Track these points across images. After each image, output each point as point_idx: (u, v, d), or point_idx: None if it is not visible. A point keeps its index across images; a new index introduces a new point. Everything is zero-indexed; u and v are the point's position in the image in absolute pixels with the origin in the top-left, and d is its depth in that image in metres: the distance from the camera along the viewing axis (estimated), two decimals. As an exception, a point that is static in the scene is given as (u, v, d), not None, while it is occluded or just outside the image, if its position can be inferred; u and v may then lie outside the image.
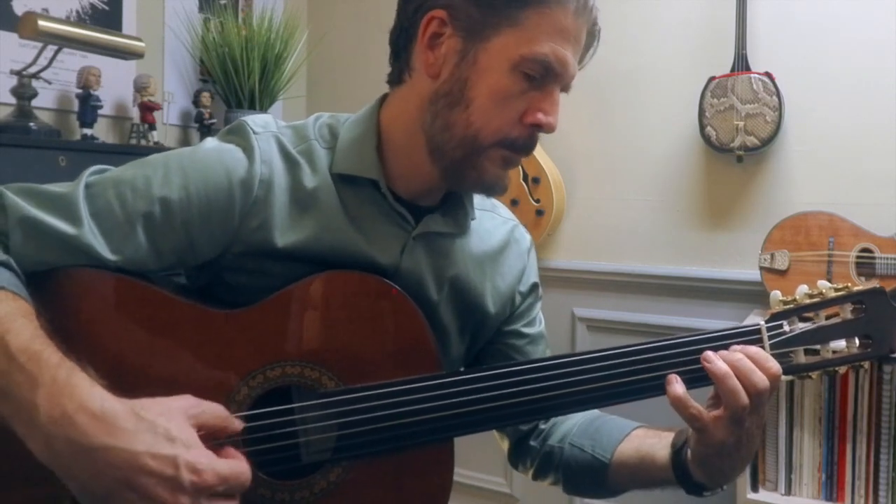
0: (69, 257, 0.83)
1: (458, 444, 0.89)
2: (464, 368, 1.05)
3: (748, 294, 1.95)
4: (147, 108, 2.07)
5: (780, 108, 1.86)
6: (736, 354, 0.82)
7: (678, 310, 2.07)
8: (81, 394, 0.68)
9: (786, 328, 0.86)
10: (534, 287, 1.08)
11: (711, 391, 0.85)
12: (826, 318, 0.86)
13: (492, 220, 1.05)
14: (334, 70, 2.64)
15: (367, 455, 0.86)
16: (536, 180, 2.11)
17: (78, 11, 2.00)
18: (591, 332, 2.20)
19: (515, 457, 1.09)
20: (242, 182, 0.88)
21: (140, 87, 2.06)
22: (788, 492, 1.64)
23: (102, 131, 2.04)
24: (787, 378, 0.85)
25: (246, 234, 0.88)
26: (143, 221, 0.85)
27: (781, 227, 1.82)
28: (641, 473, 0.96)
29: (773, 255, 1.81)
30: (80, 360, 0.72)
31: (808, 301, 0.87)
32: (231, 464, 0.72)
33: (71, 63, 1.92)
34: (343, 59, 2.62)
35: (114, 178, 0.87)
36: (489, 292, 1.01)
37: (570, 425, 1.04)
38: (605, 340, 2.15)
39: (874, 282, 1.70)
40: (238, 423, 0.79)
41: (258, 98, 2.25)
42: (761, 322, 0.87)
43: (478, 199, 1.02)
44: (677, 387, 0.83)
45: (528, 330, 1.07)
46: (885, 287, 0.87)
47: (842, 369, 0.86)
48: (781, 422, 1.64)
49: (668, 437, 0.94)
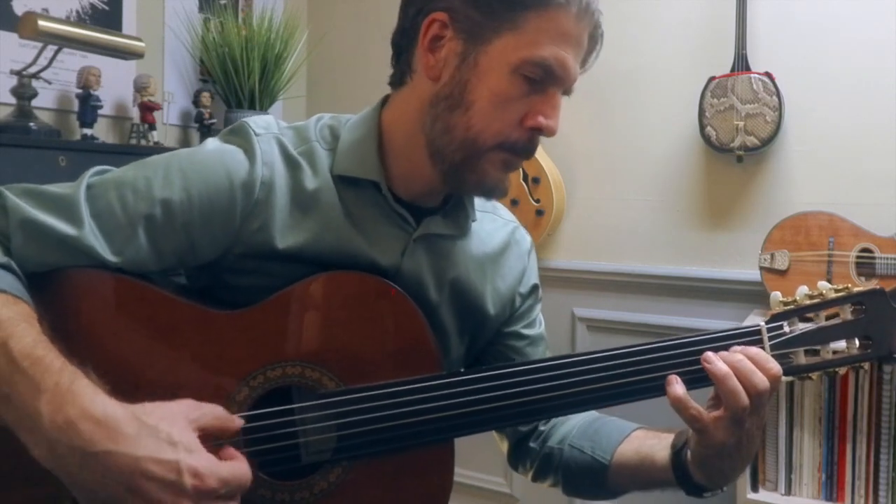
0: (70, 258, 0.83)
1: (459, 444, 0.89)
2: (464, 369, 1.05)
3: (748, 294, 1.95)
4: (147, 108, 2.06)
5: (780, 108, 1.85)
6: (736, 355, 0.82)
7: (678, 310, 2.06)
8: (84, 400, 0.68)
9: (786, 329, 0.86)
10: (534, 289, 1.08)
11: (712, 392, 0.85)
12: (826, 318, 0.86)
13: (492, 222, 1.05)
14: (334, 70, 2.64)
15: (367, 455, 0.86)
16: (536, 180, 2.11)
17: (78, 11, 2.00)
18: (591, 332, 2.20)
19: (515, 458, 1.09)
20: (244, 184, 0.88)
21: (140, 87, 2.06)
22: (788, 492, 1.64)
23: (102, 131, 2.03)
24: (788, 379, 0.85)
25: (247, 235, 0.88)
26: (145, 223, 0.85)
27: (781, 227, 1.82)
28: (641, 474, 0.96)
29: (773, 255, 1.81)
30: (82, 363, 0.73)
31: (808, 302, 0.87)
32: (232, 466, 0.72)
33: (71, 63, 1.91)
34: (343, 59, 2.62)
35: (115, 179, 0.87)
36: (489, 294, 1.01)
37: (570, 427, 1.04)
38: (605, 340, 2.15)
39: (874, 282, 1.71)
40: (238, 422, 0.79)
41: (258, 98, 2.24)
42: (761, 323, 0.87)
43: (478, 201, 1.02)
44: (677, 387, 0.83)
45: (528, 331, 1.07)
46: (886, 287, 0.87)
47: (842, 370, 0.86)
48: (781, 422, 1.64)
49: (668, 438, 0.94)
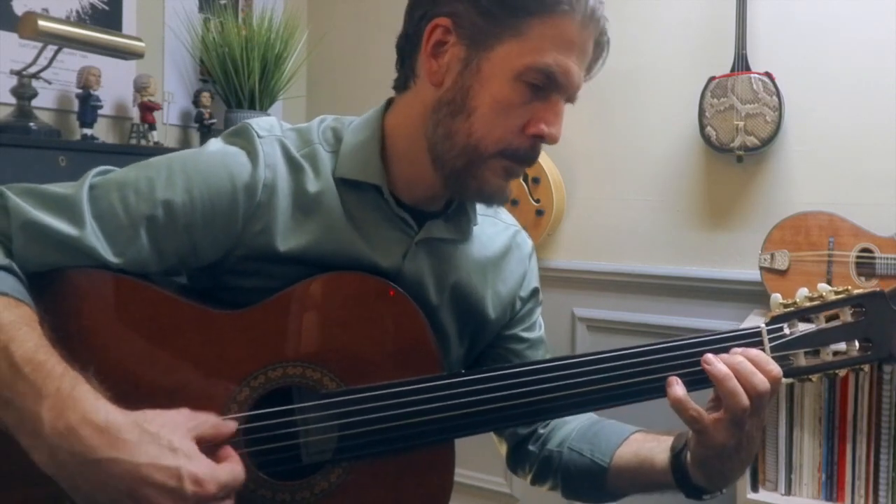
0: (71, 259, 0.83)
1: (459, 444, 0.89)
2: (464, 370, 1.05)
3: (748, 294, 1.95)
4: (147, 108, 2.06)
5: (780, 108, 1.85)
6: (737, 357, 0.82)
7: (678, 310, 2.06)
8: (85, 406, 0.68)
9: (786, 331, 0.86)
10: (534, 292, 1.08)
11: (712, 394, 0.85)
12: (826, 320, 0.86)
13: (494, 226, 1.05)
14: (334, 70, 2.64)
15: (367, 456, 0.87)
16: (536, 180, 2.11)
17: (78, 11, 2.00)
18: (591, 332, 2.20)
19: (514, 461, 1.09)
20: (246, 186, 0.87)
21: (140, 87, 2.06)
22: (788, 492, 1.64)
23: (102, 131, 2.03)
24: (788, 381, 0.85)
25: (249, 237, 0.88)
26: (146, 224, 0.85)
27: (781, 227, 1.82)
28: (641, 477, 0.95)
29: (773, 255, 1.81)
30: (83, 364, 0.73)
31: (808, 304, 0.87)
32: (229, 468, 0.73)
33: (71, 63, 1.91)
34: (343, 59, 2.62)
35: (117, 179, 0.87)
36: (490, 298, 1.01)
37: (569, 430, 1.04)
38: (605, 340, 2.15)
39: (874, 282, 1.71)
40: (231, 425, 0.79)
41: (258, 98, 2.24)
42: (762, 325, 0.87)
43: (480, 205, 1.02)
44: (678, 389, 0.83)
45: (528, 334, 1.07)
46: (885, 287, 0.87)
47: (842, 372, 0.86)
48: (781, 422, 1.64)
49: (668, 440, 0.94)
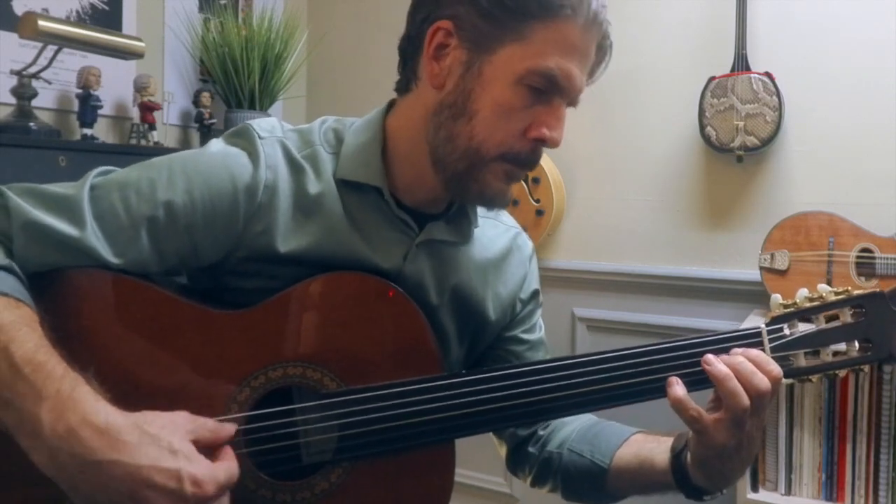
0: (72, 259, 0.83)
1: (459, 444, 0.89)
2: (465, 370, 1.05)
3: (748, 294, 1.95)
4: (147, 108, 2.06)
5: (780, 108, 1.85)
6: (737, 357, 0.82)
7: (678, 310, 2.07)
8: (85, 407, 0.68)
9: (786, 331, 0.86)
10: (534, 294, 1.08)
11: (712, 394, 0.85)
12: (826, 321, 0.86)
13: (494, 228, 1.05)
14: (334, 70, 2.64)
15: (368, 456, 0.87)
16: (536, 180, 2.11)
17: (78, 11, 2.00)
18: (591, 332, 2.20)
19: (514, 463, 1.09)
20: (247, 188, 0.87)
21: (140, 87, 2.06)
22: (788, 492, 1.64)
23: (102, 131, 2.03)
24: (788, 381, 0.85)
25: (249, 238, 0.88)
26: (147, 225, 0.85)
27: (781, 227, 1.82)
28: (641, 478, 0.95)
29: (773, 255, 1.81)
30: (83, 365, 0.73)
31: (808, 304, 0.87)
32: (225, 468, 0.73)
33: (71, 63, 1.91)
34: (343, 59, 2.62)
35: (118, 180, 0.87)
36: (490, 300, 1.01)
37: (569, 431, 1.04)
38: (605, 340, 2.15)
39: (874, 282, 1.71)
40: (229, 428, 0.79)
41: (258, 98, 2.24)
42: (762, 325, 0.87)
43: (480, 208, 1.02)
44: (678, 389, 0.83)
45: (528, 336, 1.07)
46: (885, 287, 0.87)
47: (842, 372, 0.86)
48: (781, 422, 1.64)
49: (668, 441, 0.94)
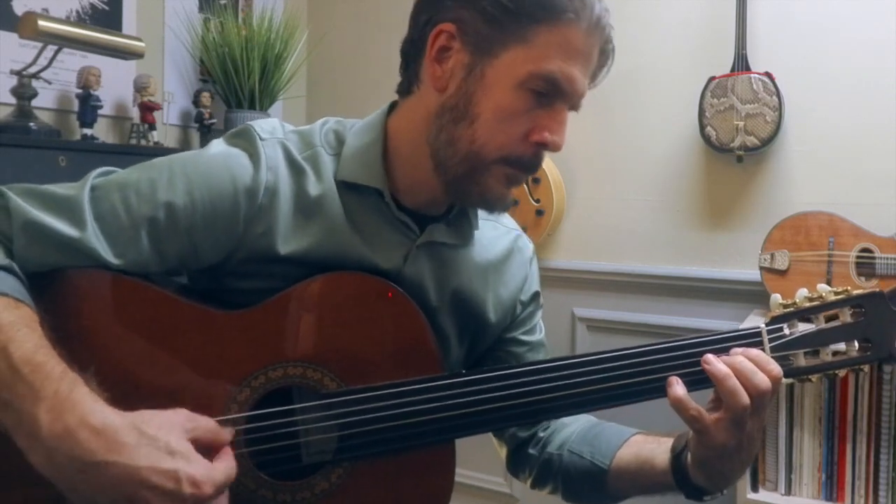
0: (72, 260, 0.83)
1: (459, 444, 0.89)
2: (465, 371, 1.05)
3: (748, 294, 1.95)
4: (147, 108, 2.06)
5: (780, 108, 1.85)
6: (737, 357, 0.82)
7: (678, 310, 2.07)
8: (83, 408, 0.68)
9: (786, 331, 0.86)
10: (535, 296, 1.08)
11: (712, 394, 0.85)
12: (826, 321, 0.86)
13: (495, 230, 1.05)
14: (334, 70, 2.64)
15: (368, 456, 0.87)
16: (536, 180, 2.11)
17: (78, 11, 2.00)
18: (591, 332, 2.20)
19: (514, 465, 1.09)
20: (247, 189, 0.87)
21: (140, 87, 2.06)
22: (788, 492, 1.64)
23: (102, 131, 2.03)
24: (788, 381, 0.85)
25: (250, 240, 0.88)
26: (148, 226, 0.85)
27: (781, 227, 1.82)
28: (641, 478, 0.95)
29: (773, 255, 1.81)
30: (83, 365, 0.73)
31: (807, 304, 0.87)
32: (223, 468, 0.73)
33: (71, 63, 1.91)
34: (343, 59, 2.62)
35: (119, 181, 0.87)
36: (491, 302, 1.01)
37: (569, 433, 1.04)
38: (605, 340, 2.15)
39: (874, 282, 1.71)
40: (227, 433, 0.79)
41: (258, 98, 2.24)
42: (761, 325, 0.87)
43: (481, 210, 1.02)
44: (678, 388, 0.83)
45: (528, 338, 1.07)
46: (885, 288, 0.87)
47: (841, 372, 0.86)
48: (781, 422, 1.64)
49: (668, 441, 0.94)
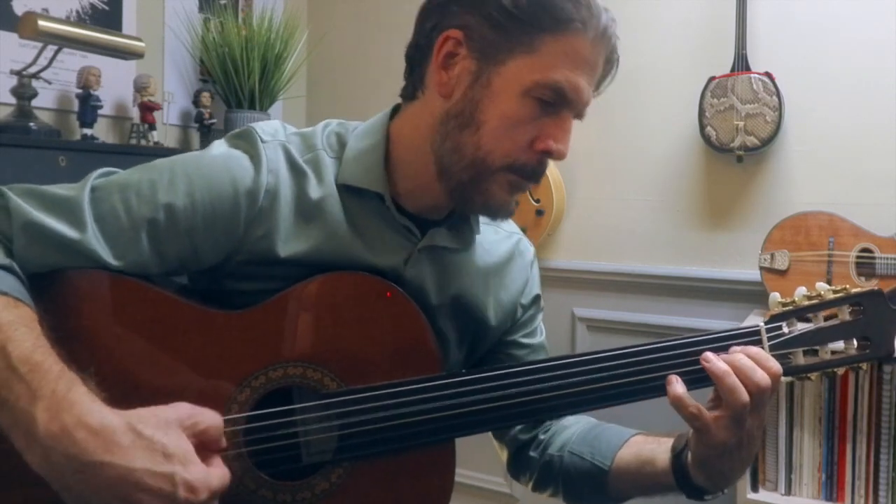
0: (72, 261, 0.83)
1: (459, 444, 0.89)
2: (465, 370, 1.05)
3: (748, 294, 1.95)
4: (147, 108, 2.07)
5: (780, 108, 1.85)
6: (736, 355, 0.82)
7: (678, 310, 2.07)
8: (81, 408, 0.68)
9: (785, 330, 0.86)
10: (536, 299, 1.08)
11: (711, 393, 0.85)
12: (825, 319, 0.86)
13: (495, 234, 1.05)
14: (334, 70, 2.64)
15: (368, 456, 0.87)
16: (536, 180, 2.11)
17: (78, 11, 2.00)
18: (591, 332, 2.20)
19: (515, 468, 1.08)
20: (248, 191, 0.87)
21: (140, 87, 2.06)
22: (788, 492, 1.64)
23: (102, 131, 2.04)
24: (787, 379, 0.85)
25: (250, 242, 0.88)
26: (148, 227, 0.85)
27: (781, 227, 1.82)
28: (642, 479, 0.95)
29: (773, 255, 1.81)
30: (82, 365, 0.73)
31: (806, 303, 0.87)
32: (219, 474, 0.73)
33: (71, 63, 1.92)
34: (343, 59, 2.62)
35: (119, 182, 0.87)
36: (492, 305, 1.01)
37: (569, 434, 1.04)
38: (605, 340, 2.15)
39: (874, 282, 1.71)
40: (221, 429, 0.78)
41: (258, 98, 2.25)
42: (761, 323, 0.87)
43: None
44: (677, 386, 0.83)
45: (529, 340, 1.07)
46: (885, 287, 0.87)
47: (840, 370, 0.86)
48: (781, 422, 1.64)
49: (668, 441, 0.94)
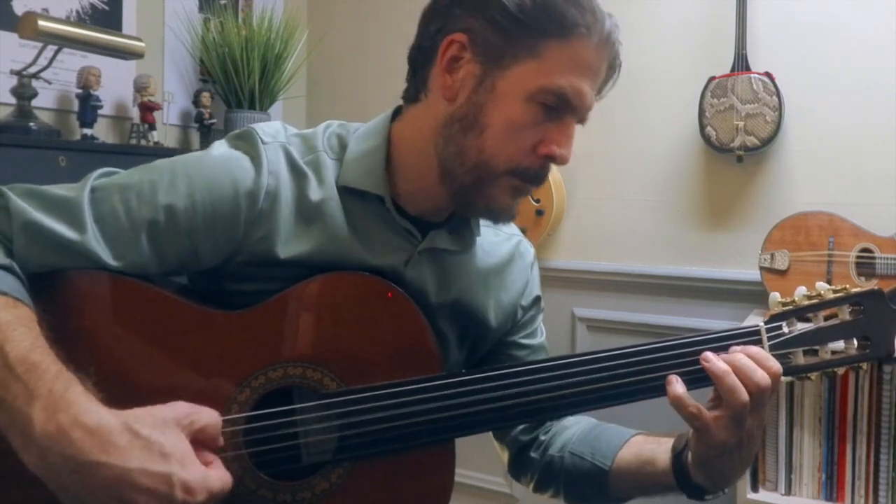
0: (72, 261, 0.83)
1: (459, 444, 0.89)
2: (465, 370, 1.05)
3: (748, 294, 1.95)
4: (147, 108, 2.07)
5: (780, 108, 1.85)
6: (736, 354, 0.83)
7: (678, 310, 2.07)
8: (77, 408, 0.68)
9: (785, 329, 0.86)
10: (536, 300, 1.08)
11: (711, 392, 0.85)
12: (825, 319, 0.86)
13: (496, 235, 1.05)
14: (334, 70, 2.64)
15: (368, 456, 0.87)
16: (536, 180, 2.11)
17: (78, 11, 2.00)
18: (591, 332, 2.20)
19: (516, 469, 1.08)
20: (248, 193, 0.87)
21: (140, 87, 2.06)
22: (788, 492, 1.64)
23: (102, 131, 2.04)
24: (787, 379, 0.85)
25: (250, 244, 0.88)
26: (148, 228, 0.85)
27: (781, 227, 1.82)
28: (642, 479, 0.95)
29: (773, 255, 1.81)
30: (82, 366, 0.73)
31: (806, 303, 0.87)
32: (218, 476, 0.73)
33: (71, 63, 1.92)
34: (343, 59, 2.62)
35: (120, 183, 0.87)
36: (492, 307, 1.01)
37: (570, 435, 1.04)
38: (605, 340, 2.15)
39: (874, 282, 1.71)
40: (219, 428, 0.78)
41: (258, 98, 2.25)
42: (760, 323, 0.87)
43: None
44: (677, 386, 0.83)
45: (529, 341, 1.07)
46: (885, 287, 0.87)
47: (840, 370, 0.86)
48: (781, 422, 1.64)
49: (668, 441, 0.94)
